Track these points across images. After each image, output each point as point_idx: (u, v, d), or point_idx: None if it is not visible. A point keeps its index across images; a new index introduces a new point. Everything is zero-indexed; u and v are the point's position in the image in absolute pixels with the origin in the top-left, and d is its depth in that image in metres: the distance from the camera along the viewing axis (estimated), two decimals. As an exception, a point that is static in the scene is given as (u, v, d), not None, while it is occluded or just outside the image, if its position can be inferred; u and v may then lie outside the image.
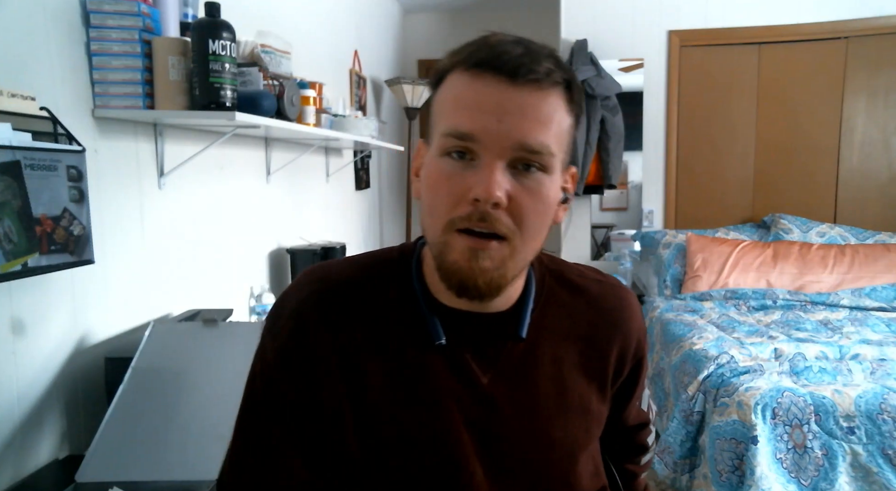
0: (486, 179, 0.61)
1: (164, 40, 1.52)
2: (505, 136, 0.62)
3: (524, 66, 0.62)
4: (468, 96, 0.63)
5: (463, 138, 0.62)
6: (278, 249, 2.57)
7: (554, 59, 0.64)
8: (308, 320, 0.71)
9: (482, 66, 0.62)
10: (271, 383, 0.72)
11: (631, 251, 3.79)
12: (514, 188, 0.63)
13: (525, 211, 0.63)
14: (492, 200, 0.61)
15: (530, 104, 0.62)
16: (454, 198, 0.63)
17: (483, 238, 0.63)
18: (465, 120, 0.62)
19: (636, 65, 3.72)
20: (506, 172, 0.62)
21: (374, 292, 0.73)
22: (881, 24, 3.42)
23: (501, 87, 0.62)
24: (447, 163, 0.64)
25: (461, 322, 0.71)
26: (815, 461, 1.86)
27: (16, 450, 1.27)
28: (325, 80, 2.70)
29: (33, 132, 1.24)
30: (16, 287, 1.25)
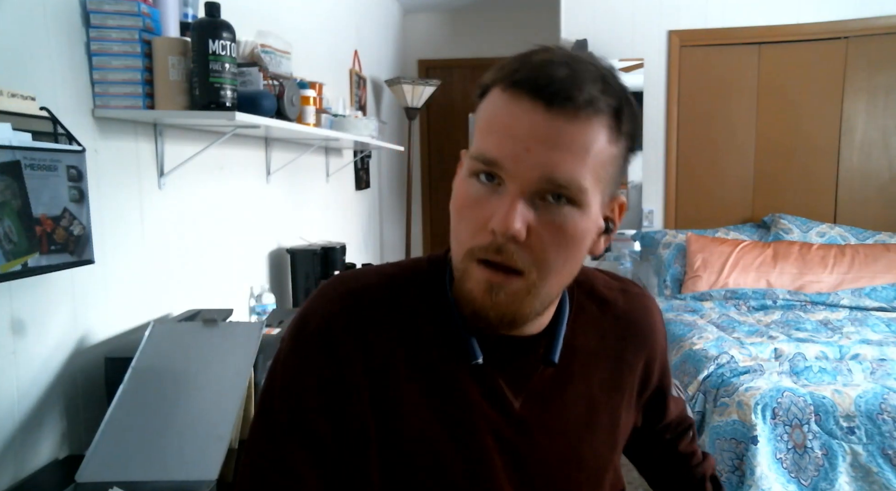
0: (505, 211, 0.58)
1: (164, 40, 1.52)
2: (531, 167, 0.57)
3: (562, 92, 0.57)
4: (501, 120, 0.59)
5: (488, 164, 0.59)
6: (278, 248, 2.57)
7: (602, 82, 0.59)
8: (338, 339, 0.66)
9: (520, 86, 0.58)
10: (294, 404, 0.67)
11: (631, 251, 3.79)
12: (537, 221, 0.59)
13: (546, 246, 0.59)
14: (508, 234, 0.58)
15: (565, 134, 0.57)
16: (476, 225, 0.60)
17: (500, 271, 0.60)
18: (493, 145, 0.59)
19: (636, 65, 3.72)
20: (529, 204, 0.58)
21: (406, 308, 0.69)
22: (881, 24, 3.42)
23: (535, 113, 0.57)
24: (474, 185, 0.61)
25: (494, 343, 0.68)
26: (815, 461, 1.86)
27: (16, 450, 1.27)
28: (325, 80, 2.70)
29: (33, 132, 1.24)
30: (16, 287, 1.25)
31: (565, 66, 0.58)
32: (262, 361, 1.44)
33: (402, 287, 0.70)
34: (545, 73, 0.57)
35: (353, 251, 2.75)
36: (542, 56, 0.59)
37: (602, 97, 0.58)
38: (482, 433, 0.67)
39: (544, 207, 0.59)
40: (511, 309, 0.62)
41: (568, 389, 0.71)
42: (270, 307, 2.22)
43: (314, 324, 0.67)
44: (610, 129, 0.59)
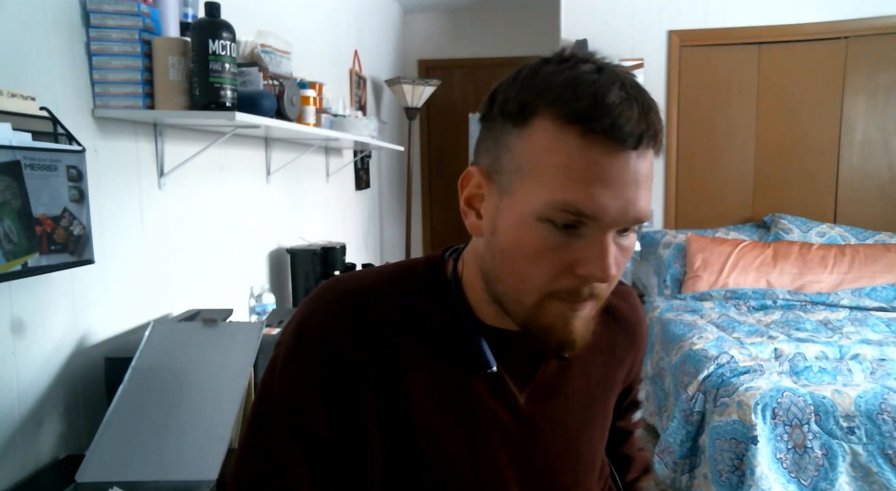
0: (601, 258, 0.57)
1: (164, 40, 1.52)
2: (623, 213, 0.57)
3: (646, 134, 0.56)
4: (583, 167, 0.56)
5: (575, 214, 0.56)
6: (278, 248, 2.57)
7: (657, 112, 0.59)
8: (340, 342, 0.64)
9: (600, 132, 0.55)
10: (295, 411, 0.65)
11: (631, 251, 3.79)
12: (617, 253, 0.59)
13: (621, 269, 0.61)
14: (609, 281, 0.59)
15: (644, 173, 0.58)
16: (558, 269, 0.59)
17: (581, 303, 0.61)
18: (581, 196, 0.56)
19: (636, 65, 3.72)
20: (615, 245, 0.59)
21: (408, 309, 0.67)
22: (881, 24, 3.42)
23: (620, 160, 0.56)
24: (548, 231, 0.58)
25: (503, 341, 0.68)
26: (815, 461, 1.86)
27: (16, 450, 1.27)
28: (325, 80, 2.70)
29: (33, 132, 1.24)
30: (16, 287, 1.25)
31: (635, 101, 0.57)
32: (262, 361, 1.43)
33: (403, 288, 0.68)
34: (626, 116, 0.55)
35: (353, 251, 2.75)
36: (609, 91, 0.56)
37: (661, 127, 0.58)
38: (489, 430, 0.67)
39: (620, 237, 0.60)
40: (591, 328, 0.63)
41: (569, 384, 0.73)
42: (270, 307, 2.22)
43: (313, 327, 0.65)
44: (660, 148, 0.61)
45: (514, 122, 0.59)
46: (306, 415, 0.64)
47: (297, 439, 0.64)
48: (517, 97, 0.59)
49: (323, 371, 0.64)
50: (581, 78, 0.57)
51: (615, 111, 0.55)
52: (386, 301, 0.67)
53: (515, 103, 0.59)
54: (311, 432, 0.64)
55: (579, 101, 0.56)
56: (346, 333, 0.64)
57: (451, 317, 0.67)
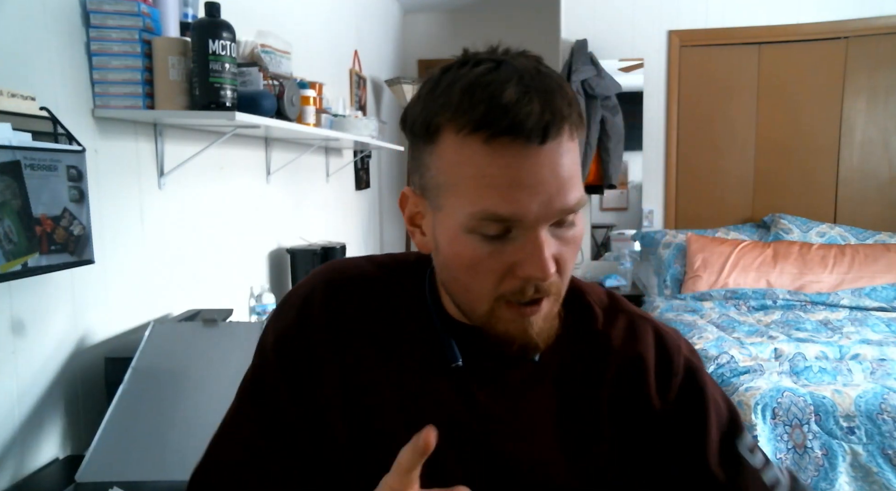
0: (536, 258, 0.56)
1: (164, 40, 1.52)
2: (545, 208, 0.56)
3: (549, 126, 0.55)
4: (493, 173, 0.55)
5: (499, 220, 0.56)
6: (278, 248, 2.57)
7: (563, 92, 0.57)
8: (313, 310, 0.69)
9: (501, 134, 0.54)
10: (265, 372, 0.70)
11: (631, 251, 3.79)
12: (557, 247, 0.59)
13: (567, 263, 0.61)
14: (548, 279, 0.58)
15: (560, 163, 0.56)
16: (498, 275, 0.59)
17: (534, 304, 0.60)
18: (499, 202, 0.55)
19: (636, 65, 3.73)
20: (550, 241, 0.58)
21: (388, 297, 0.70)
22: (881, 24, 3.42)
23: (528, 156, 0.55)
24: (479, 242, 0.58)
25: (473, 339, 0.67)
26: (815, 461, 1.86)
27: (16, 450, 1.27)
28: (325, 80, 2.70)
29: (33, 132, 1.24)
30: (16, 287, 1.25)
31: (533, 93, 0.55)
32: (262, 361, 1.43)
33: (388, 277, 0.71)
34: (523, 112, 0.54)
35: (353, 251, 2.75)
36: (505, 89, 0.55)
37: (570, 110, 0.57)
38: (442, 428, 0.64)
39: (558, 231, 0.59)
40: (550, 326, 0.63)
41: (536, 389, 0.68)
42: (270, 307, 2.22)
43: (296, 296, 0.71)
44: (578, 131, 0.59)
45: (425, 140, 0.60)
46: (270, 376, 0.69)
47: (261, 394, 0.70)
48: (421, 116, 0.60)
49: (291, 338, 0.69)
50: (476, 82, 0.56)
51: (513, 110, 0.54)
52: (368, 285, 0.70)
53: (420, 124, 0.60)
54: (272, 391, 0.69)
55: (476, 108, 0.55)
56: (321, 302, 0.69)
57: (425, 311, 0.69)
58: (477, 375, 0.68)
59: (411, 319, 0.69)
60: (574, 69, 3.45)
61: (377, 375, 0.68)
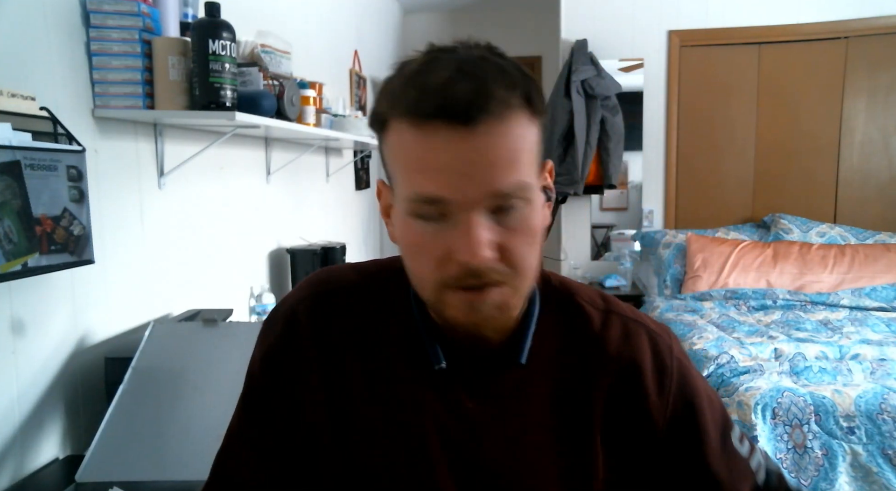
0: (467, 241, 0.56)
1: (164, 40, 1.52)
2: (477, 191, 0.56)
3: (477, 106, 0.54)
4: (423, 156, 0.56)
5: (431, 203, 0.57)
6: (278, 248, 2.57)
7: (503, 75, 0.57)
8: (299, 324, 0.69)
9: (432, 117, 0.55)
10: (255, 384, 0.72)
11: (631, 251, 3.79)
12: (499, 233, 0.58)
13: (516, 251, 0.58)
14: (480, 261, 0.56)
15: (495, 147, 0.55)
16: (437, 259, 0.59)
17: (478, 289, 0.59)
18: (427, 183, 0.56)
19: (636, 65, 3.72)
20: (487, 222, 0.57)
21: (372, 302, 0.70)
22: (881, 24, 3.42)
23: (459, 139, 0.55)
24: (419, 225, 0.59)
25: (456, 343, 0.67)
26: (815, 461, 1.86)
27: (16, 450, 1.27)
28: (325, 80, 2.70)
29: (33, 132, 1.24)
30: (16, 287, 1.25)
31: (464, 77, 0.55)
32: (262, 361, 1.43)
33: (373, 284, 0.71)
34: (451, 94, 0.54)
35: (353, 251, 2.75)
36: (437, 75, 0.56)
37: (511, 92, 0.56)
38: (429, 434, 0.66)
39: (501, 217, 0.58)
40: (503, 316, 0.62)
41: (527, 395, 0.67)
42: (270, 307, 2.22)
43: (283, 309, 0.72)
44: (528, 116, 0.58)
45: (379, 133, 0.62)
46: (260, 388, 0.71)
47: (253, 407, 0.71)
48: (374, 112, 0.62)
49: (278, 350, 0.70)
50: (416, 71, 0.58)
51: (441, 93, 0.55)
52: (352, 294, 0.71)
53: (373, 118, 0.62)
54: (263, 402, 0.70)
55: (409, 95, 0.57)
56: (306, 313, 0.70)
57: (409, 316, 0.69)
58: (464, 381, 0.67)
59: (396, 325, 0.69)
60: (574, 69, 3.45)
61: (363, 384, 0.68)
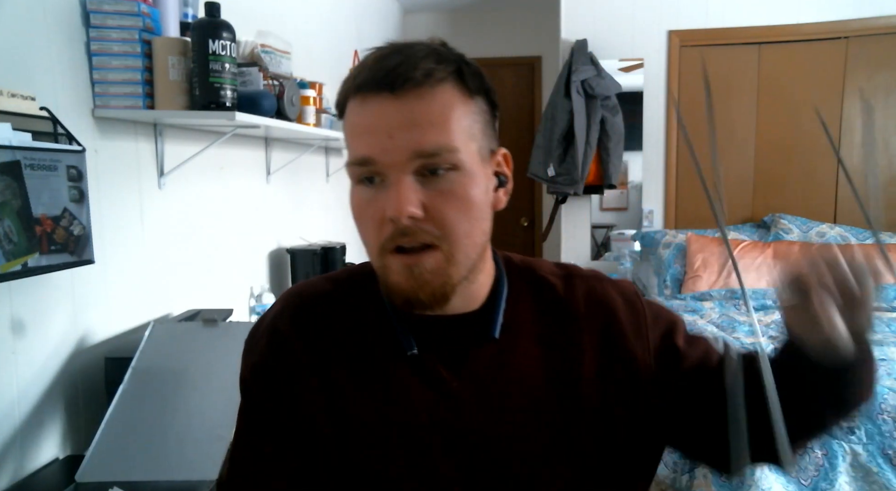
0: (394, 198, 0.62)
1: (164, 40, 1.52)
2: (401, 150, 0.61)
3: (401, 76, 0.61)
4: (359, 122, 0.64)
5: (363, 163, 0.63)
6: (278, 248, 2.57)
7: (436, 54, 0.64)
8: (282, 334, 0.73)
9: (365, 87, 0.63)
10: (251, 399, 0.75)
11: (631, 251, 3.79)
12: (428, 196, 0.63)
13: (446, 214, 0.63)
14: (403, 216, 0.61)
15: (418, 110, 0.62)
16: (376, 222, 0.64)
17: (414, 253, 0.63)
18: (361, 146, 0.63)
19: (636, 65, 3.72)
20: (415, 184, 0.62)
21: (347, 305, 0.74)
22: (881, 24, 3.42)
23: (386, 104, 0.62)
24: (361, 191, 0.65)
25: (430, 327, 0.70)
26: (814, 461, 1.86)
27: (16, 450, 1.27)
28: (325, 80, 2.70)
29: (33, 132, 1.24)
30: (16, 287, 1.25)
31: (396, 53, 0.63)
32: (262, 361, 1.43)
33: (345, 287, 0.76)
34: (380, 66, 0.63)
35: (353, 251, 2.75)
36: (374, 54, 0.65)
37: (438, 67, 0.63)
38: (419, 416, 0.69)
39: (430, 181, 0.63)
40: (438, 282, 0.65)
41: (507, 368, 0.70)
42: (270, 307, 2.22)
43: (263, 325, 0.76)
44: (460, 91, 0.64)
45: (341, 118, 0.68)
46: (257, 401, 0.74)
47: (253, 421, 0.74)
48: (336, 101, 0.69)
49: (267, 363, 0.73)
50: (366, 57, 0.66)
51: (373, 66, 0.63)
52: (328, 302, 0.75)
53: (337, 107, 0.69)
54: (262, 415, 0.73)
55: (356, 75, 0.65)
56: (288, 329, 0.73)
57: (382, 312, 0.72)
58: (444, 361, 0.70)
59: (372, 321, 0.73)
60: (574, 69, 3.45)
61: (353, 382, 0.71)
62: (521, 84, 4.82)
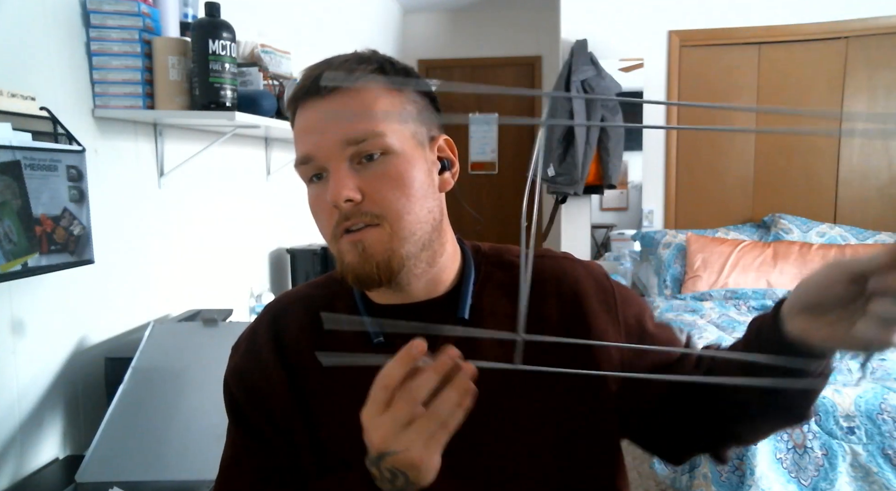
0: (332, 185, 0.67)
1: (164, 40, 1.52)
2: (332, 142, 0.67)
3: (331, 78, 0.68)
4: (298, 126, 0.71)
5: (305, 162, 0.69)
6: (278, 249, 2.57)
7: (357, 57, 0.71)
8: (259, 338, 0.78)
9: (300, 97, 0.70)
10: (232, 400, 0.78)
11: (631, 251, 3.79)
12: (363, 180, 0.68)
13: (382, 193, 0.68)
14: (341, 200, 0.66)
15: (343, 104, 0.68)
16: (326, 213, 0.69)
17: (358, 231, 0.68)
18: (301, 146, 0.70)
19: (636, 65, 3.72)
20: (350, 171, 0.67)
21: (322, 305, 0.78)
22: (881, 24, 3.42)
23: (316, 106, 0.69)
24: (312, 188, 0.71)
25: (398, 315, 0.74)
26: (815, 461, 1.86)
27: (16, 450, 1.27)
28: (325, 80, 2.70)
29: (33, 132, 1.24)
30: (16, 287, 1.25)
31: (322, 64, 0.71)
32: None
33: (323, 290, 0.80)
34: (307, 75, 0.70)
35: (353, 251, 2.75)
36: (308, 68, 0.72)
37: (359, 66, 0.70)
38: None
39: (366, 167, 0.68)
40: (383, 256, 0.68)
41: (481, 351, 0.71)
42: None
43: (246, 330, 0.81)
44: (384, 85, 0.70)
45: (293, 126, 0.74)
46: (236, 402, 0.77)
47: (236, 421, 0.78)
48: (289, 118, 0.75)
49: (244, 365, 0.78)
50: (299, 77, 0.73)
51: (306, 77, 0.70)
52: (306, 304, 0.79)
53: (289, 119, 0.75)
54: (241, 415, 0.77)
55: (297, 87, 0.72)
56: (264, 330, 0.78)
57: (350, 304, 0.77)
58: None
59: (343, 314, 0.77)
60: (574, 69, 3.45)
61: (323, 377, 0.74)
62: (521, 84, 4.82)
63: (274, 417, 0.75)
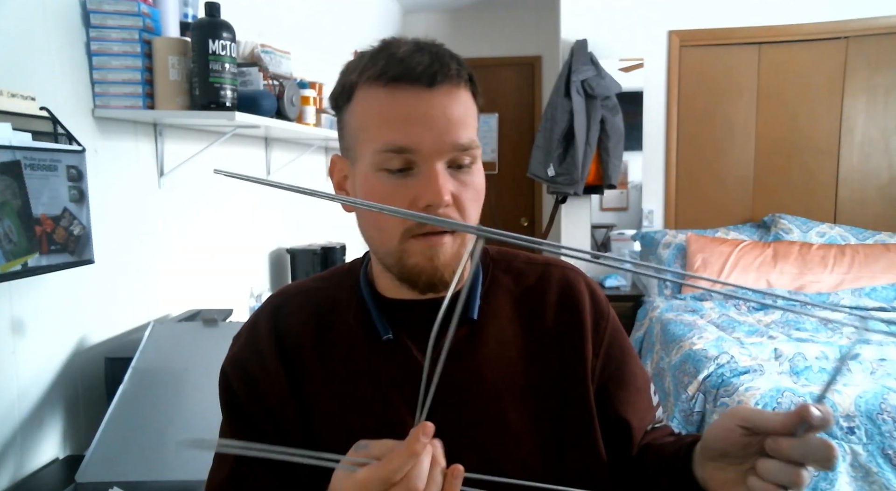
0: (433, 186, 0.65)
1: (164, 40, 1.52)
2: (439, 141, 0.65)
3: (438, 73, 0.65)
4: (394, 111, 0.66)
5: (401, 152, 0.65)
6: (278, 249, 2.57)
7: (456, 58, 0.69)
8: (260, 329, 0.77)
9: (399, 79, 0.65)
10: (228, 389, 0.77)
11: (631, 251, 3.79)
12: (456, 186, 0.67)
13: (467, 204, 0.68)
14: (443, 204, 0.65)
15: (450, 106, 0.66)
16: (404, 208, 0.66)
17: (438, 235, 0.67)
18: (398, 134, 0.65)
19: (636, 65, 3.72)
20: (447, 174, 0.66)
21: (328, 299, 0.77)
22: (881, 24, 3.42)
23: (422, 96, 0.65)
24: (386, 177, 0.67)
25: (405, 311, 0.74)
26: (815, 461, 1.86)
27: (16, 450, 1.27)
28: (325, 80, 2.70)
29: (33, 132, 1.24)
30: (16, 287, 1.25)
31: (424, 51, 0.66)
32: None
33: (329, 284, 0.79)
34: (415, 61, 0.65)
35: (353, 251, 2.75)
36: (402, 48, 0.67)
37: (461, 69, 0.68)
38: (393, 402, 0.71)
39: (457, 173, 0.67)
40: (455, 264, 0.68)
41: (482, 351, 0.73)
42: (270, 307, 2.22)
43: (248, 321, 0.80)
44: (472, 94, 0.70)
45: (345, 103, 0.70)
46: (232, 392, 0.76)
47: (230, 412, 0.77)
48: (339, 86, 0.71)
49: (243, 356, 0.77)
50: (380, 48, 0.68)
51: (406, 60, 0.65)
52: (309, 297, 0.78)
53: (340, 92, 0.71)
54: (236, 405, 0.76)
55: (378, 63, 0.67)
56: (265, 322, 0.77)
57: (357, 298, 0.76)
58: (418, 343, 0.72)
59: (349, 309, 0.76)
60: (574, 69, 3.45)
61: (322, 369, 0.74)
62: (521, 84, 4.82)
63: (269, 408, 0.74)
